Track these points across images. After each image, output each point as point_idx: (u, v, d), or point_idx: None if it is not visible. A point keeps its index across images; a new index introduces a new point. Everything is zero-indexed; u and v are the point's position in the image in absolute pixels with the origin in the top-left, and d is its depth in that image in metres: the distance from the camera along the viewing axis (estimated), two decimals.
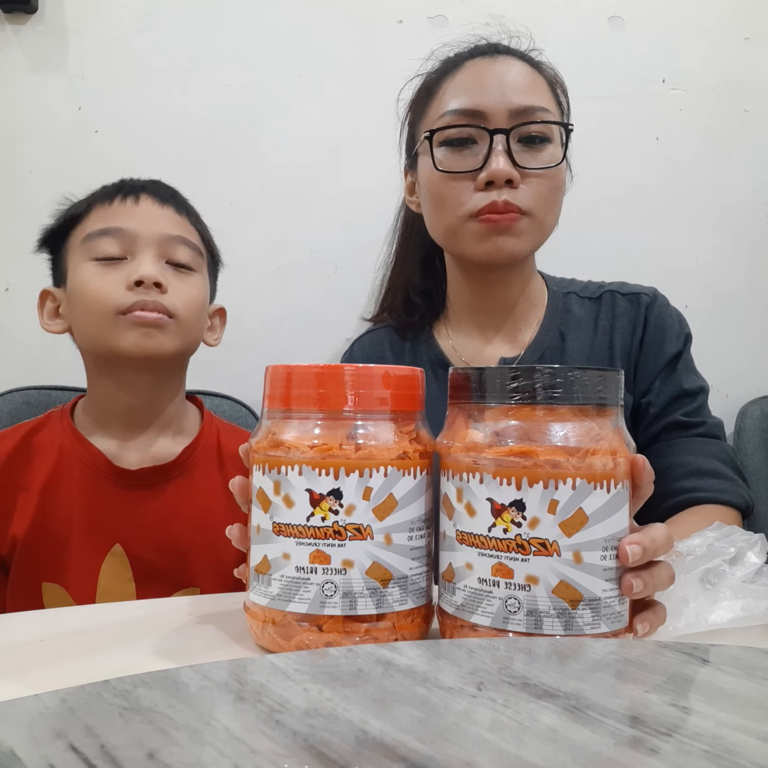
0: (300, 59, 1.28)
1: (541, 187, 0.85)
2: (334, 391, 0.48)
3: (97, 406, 0.86)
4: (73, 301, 0.83)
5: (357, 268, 1.29)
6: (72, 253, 0.84)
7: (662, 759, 0.25)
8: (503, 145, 0.83)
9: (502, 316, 0.96)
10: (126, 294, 0.78)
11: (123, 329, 0.79)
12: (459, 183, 0.85)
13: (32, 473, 0.83)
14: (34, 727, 0.27)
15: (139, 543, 0.82)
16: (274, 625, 0.48)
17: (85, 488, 0.82)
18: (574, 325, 0.96)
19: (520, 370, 0.46)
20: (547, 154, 0.85)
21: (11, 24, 1.26)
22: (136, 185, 0.85)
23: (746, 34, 1.30)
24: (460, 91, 0.86)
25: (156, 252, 0.81)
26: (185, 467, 0.86)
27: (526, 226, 0.85)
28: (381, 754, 0.25)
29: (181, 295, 0.82)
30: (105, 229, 0.80)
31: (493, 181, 0.83)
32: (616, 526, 0.45)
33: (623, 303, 0.97)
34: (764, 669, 0.35)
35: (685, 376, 0.94)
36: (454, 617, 0.47)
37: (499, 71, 0.86)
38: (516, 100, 0.84)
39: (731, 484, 0.86)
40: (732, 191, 1.31)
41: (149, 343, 0.79)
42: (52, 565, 0.81)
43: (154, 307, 0.79)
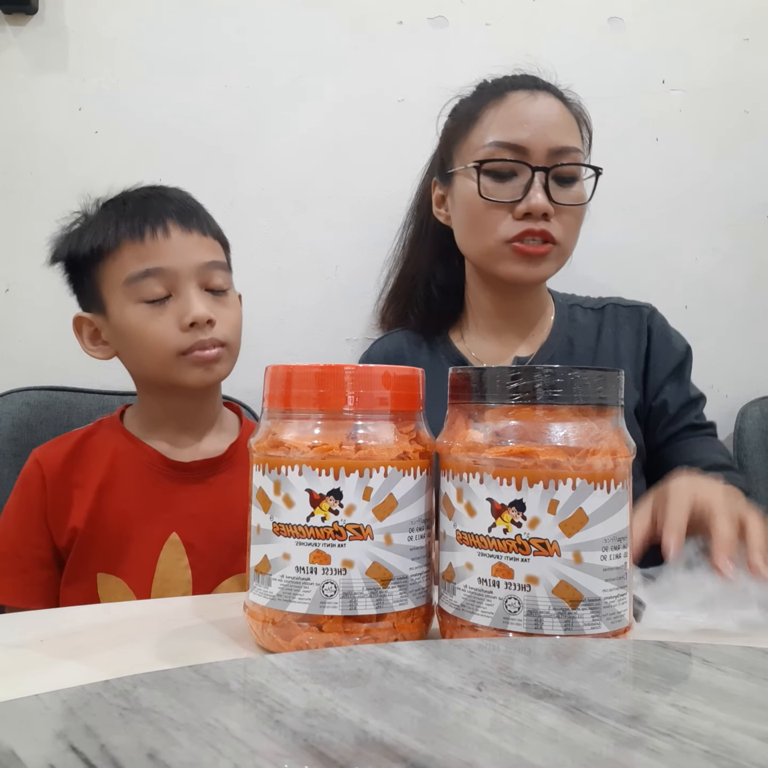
0: (300, 59, 1.28)
1: (570, 221, 0.97)
2: (334, 391, 0.48)
3: (146, 415, 0.93)
4: (126, 340, 0.87)
5: (357, 268, 1.29)
6: (110, 288, 0.86)
7: (662, 759, 0.25)
8: (542, 181, 0.93)
9: (517, 323, 1.06)
10: (182, 335, 0.84)
11: (185, 368, 0.85)
12: (498, 211, 0.95)
13: (88, 472, 0.89)
14: (34, 727, 0.27)
15: (193, 532, 0.87)
16: (274, 625, 0.48)
17: (141, 483, 0.88)
18: (579, 332, 1.06)
19: (520, 370, 0.46)
20: (576, 191, 0.97)
21: (11, 25, 1.26)
22: (159, 212, 0.86)
23: (746, 35, 1.30)
24: (504, 124, 0.96)
25: (196, 283, 0.85)
26: (231, 462, 0.92)
27: (555, 253, 0.97)
28: (381, 754, 0.25)
29: (228, 322, 0.88)
30: (146, 271, 0.84)
31: (530, 213, 0.93)
32: (616, 526, 0.45)
33: (625, 313, 1.08)
34: (764, 669, 0.35)
35: (690, 385, 1.07)
36: (454, 617, 0.47)
37: (539, 109, 0.96)
38: (555, 140, 0.94)
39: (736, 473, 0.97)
40: (732, 191, 1.31)
41: (210, 376, 0.87)
42: (108, 557, 0.86)
43: (211, 343, 0.85)
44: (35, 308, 1.23)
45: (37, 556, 0.87)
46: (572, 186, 0.97)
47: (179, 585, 0.85)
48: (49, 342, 1.21)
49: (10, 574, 0.86)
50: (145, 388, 0.92)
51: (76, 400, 1.13)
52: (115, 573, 0.86)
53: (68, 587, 0.86)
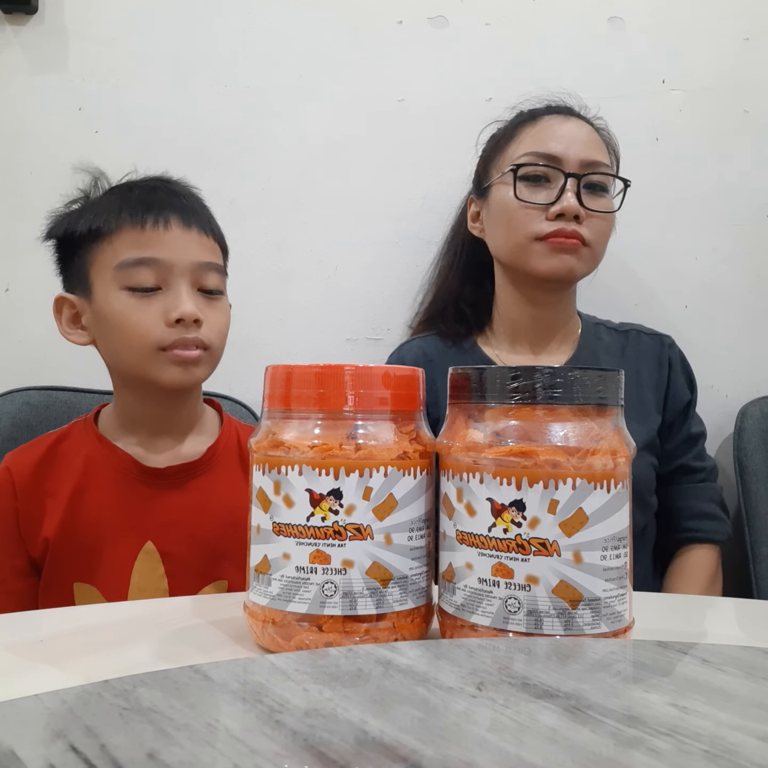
0: (300, 59, 1.28)
1: (600, 227, 1.03)
2: (334, 391, 0.48)
3: (122, 414, 0.89)
4: (106, 326, 0.84)
5: (357, 268, 1.29)
6: (100, 270, 0.83)
7: (662, 759, 0.25)
8: (574, 187, 1.00)
9: (546, 334, 1.11)
10: (166, 330, 0.80)
11: (163, 364, 0.81)
12: (532, 211, 1.02)
13: (60, 479, 0.86)
14: (34, 727, 0.27)
15: (169, 539, 0.85)
16: (274, 625, 0.48)
17: (115, 490, 0.85)
18: (604, 350, 1.12)
19: (520, 370, 0.46)
20: (605, 201, 1.04)
21: (11, 25, 1.26)
22: (163, 204, 0.84)
23: (746, 34, 1.30)
24: (539, 137, 1.04)
25: (189, 281, 0.83)
26: (210, 465, 0.89)
27: (585, 254, 1.03)
28: (381, 754, 0.25)
29: (214, 326, 0.85)
30: (140, 258, 0.81)
31: (563, 214, 1.00)
32: (616, 526, 0.45)
33: (647, 340, 1.14)
34: (764, 669, 0.35)
35: (693, 421, 1.13)
36: (454, 617, 0.47)
37: (572, 128, 1.04)
38: (586, 153, 1.02)
39: (721, 524, 1.11)
40: (732, 191, 1.31)
41: (187, 377, 0.83)
42: (83, 566, 0.83)
43: (194, 343, 0.82)
44: (35, 308, 1.23)
45: (14, 565, 0.85)
46: (603, 196, 1.03)
47: (155, 594, 0.83)
48: (49, 342, 1.21)
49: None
50: (122, 381, 0.88)
51: (76, 400, 1.13)
52: (91, 582, 0.84)
53: (46, 596, 0.84)
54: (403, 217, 1.28)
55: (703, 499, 1.11)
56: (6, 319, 1.25)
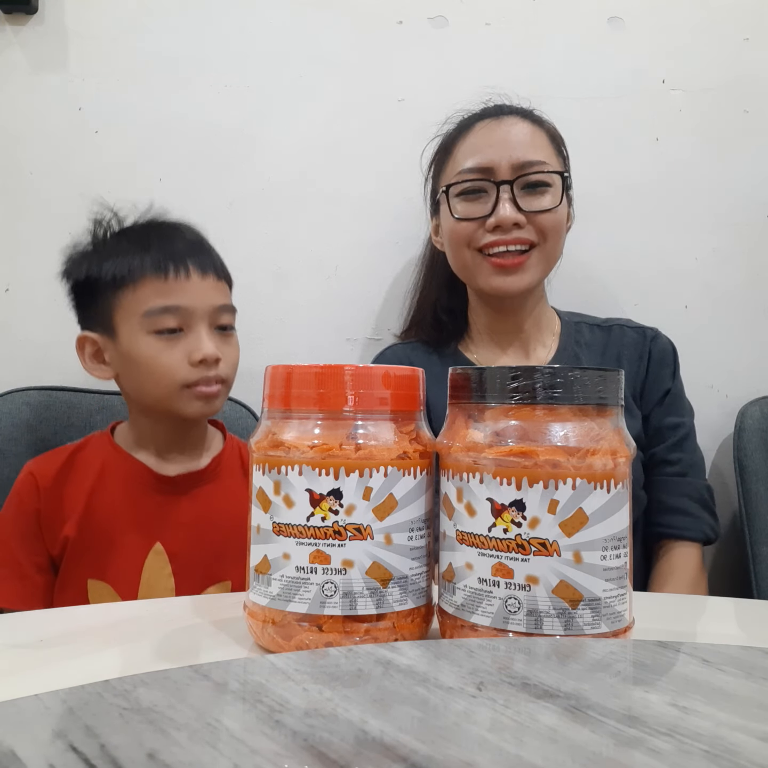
0: (300, 60, 1.28)
1: (548, 225, 1.00)
2: (334, 391, 0.48)
3: (136, 434, 0.97)
4: (133, 366, 0.91)
5: (357, 268, 1.29)
6: (125, 315, 0.91)
7: (662, 759, 0.25)
8: (508, 194, 0.98)
9: (518, 338, 1.10)
10: (191, 370, 0.89)
11: (187, 400, 0.90)
12: (471, 225, 1.00)
13: (78, 483, 0.93)
14: (34, 727, 0.27)
15: (177, 541, 0.92)
16: (274, 625, 0.48)
17: (128, 493, 0.93)
18: (585, 349, 1.10)
19: (520, 370, 0.46)
20: (548, 197, 1.00)
21: (11, 24, 1.25)
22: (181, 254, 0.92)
23: (746, 34, 1.30)
24: (470, 151, 1.01)
25: (208, 323, 0.91)
26: (214, 474, 0.97)
27: (534, 259, 1.00)
28: (381, 754, 0.25)
29: (230, 361, 0.94)
30: (166, 307, 0.89)
31: (500, 226, 0.98)
32: (616, 526, 0.45)
33: (631, 334, 1.12)
34: (764, 669, 0.35)
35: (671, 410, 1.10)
36: (454, 617, 0.47)
37: (503, 130, 1.01)
38: (517, 155, 0.98)
39: (693, 521, 1.06)
40: (732, 191, 1.31)
41: (209, 409, 0.92)
42: (97, 563, 0.90)
43: (215, 380, 0.91)
44: (35, 308, 1.23)
45: (36, 562, 0.91)
46: (544, 194, 1.00)
47: (163, 592, 0.90)
48: (49, 342, 1.21)
49: (12, 580, 0.90)
50: (140, 411, 0.96)
51: (76, 400, 1.13)
52: (104, 579, 0.90)
53: (61, 593, 0.91)
54: (403, 217, 1.28)
55: (674, 493, 1.07)
56: (6, 319, 1.25)
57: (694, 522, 1.06)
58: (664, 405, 1.09)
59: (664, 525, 1.06)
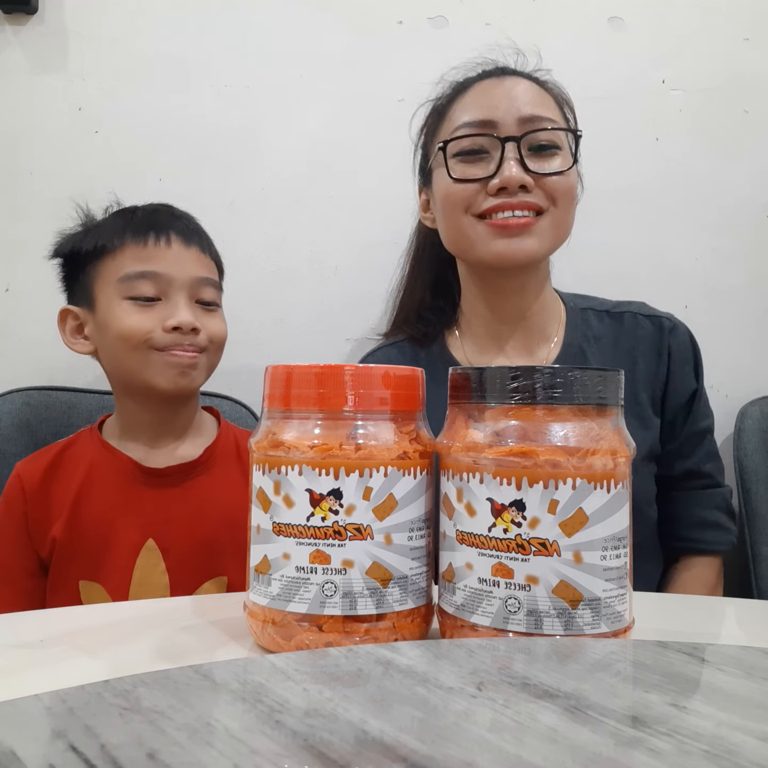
0: (300, 60, 1.28)
1: (557, 190, 0.88)
2: (334, 391, 0.48)
3: (123, 421, 0.94)
4: (106, 331, 0.88)
5: (357, 268, 1.29)
6: (104, 284, 0.88)
7: (662, 759, 0.25)
8: (515, 152, 0.86)
9: (518, 327, 0.96)
10: (163, 335, 0.85)
11: (158, 366, 0.85)
12: (471, 187, 0.88)
13: (66, 483, 0.90)
14: (34, 727, 0.27)
15: (170, 537, 0.88)
16: (274, 625, 0.48)
17: (117, 491, 0.89)
18: (593, 344, 0.97)
19: (520, 370, 0.46)
20: (558, 160, 0.88)
21: (11, 25, 1.25)
22: (164, 223, 0.89)
23: (746, 35, 1.30)
24: (470, 107, 0.90)
25: (187, 294, 0.87)
26: (207, 465, 0.93)
27: (543, 226, 0.87)
28: (381, 754, 0.25)
29: (211, 332, 0.89)
30: (142, 272, 0.86)
31: (505, 188, 0.86)
32: (616, 526, 0.45)
33: (646, 325, 0.98)
34: (764, 669, 0.35)
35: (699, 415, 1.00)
36: (454, 617, 0.47)
37: (507, 87, 0.89)
38: (524, 109, 0.87)
39: (725, 534, 1.00)
40: (732, 191, 1.31)
41: (183, 381, 0.87)
42: (88, 564, 0.87)
43: (191, 348, 0.86)
44: (35, 308, 1.23)
45: (24, 566, 0.89)
46: (553, 155, 0.88)
47: (156, 589, 0.87)
48: (49, 342, 1.21)
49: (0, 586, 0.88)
50: (122, 389, 0.92)
51: (76, 400, 1.13)
52: (96, 580, 0.87)
53: (53, 596, 0.88)
54: (403, 217, 1.28)
55: (707, 506, 1.00)
56: (6, 319, 1.25)
57: (723, 535, 1.00)
58: (693, 409, 0.98)
59: (694, 540, 0.99)
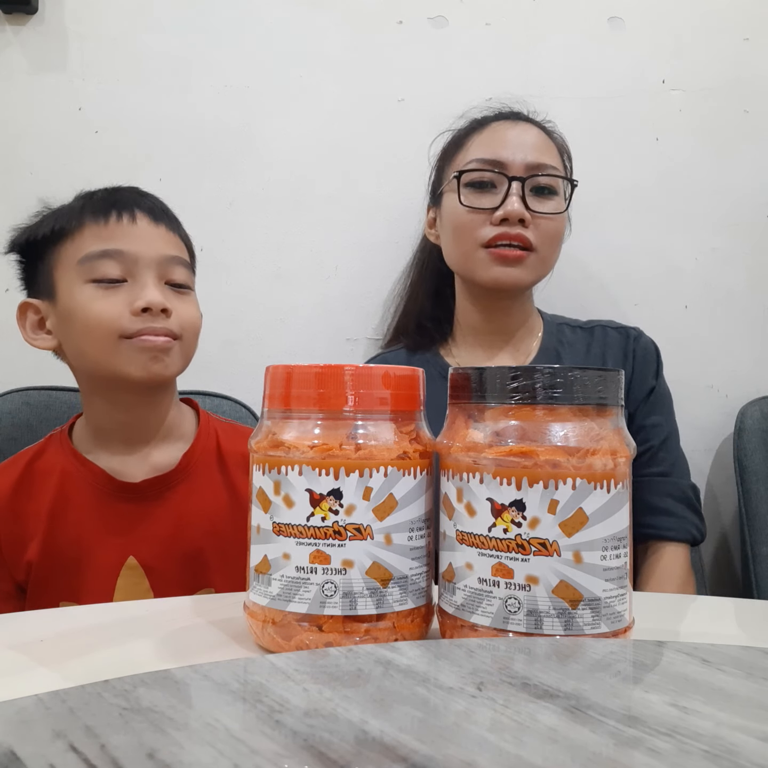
0: (300, 60, 1.28)
1: (548, 230, 1.02)
2: (334, 391, 0.48)
3: (93, 424, 0.86)
4: (69, 322, 0.80)
5: (357, 268, 1.29)
6: (64, 270, 0.81)
7: (662, 759, 0.25)
8: (518, 190, 1.00)
9: (504, 339, 1.11)
10: (132, 319, 0.77)
11: (129, 354, 0.78)
12: (477, 217, 1.01)
13: (38, 499, 0.83)
14: (34, 727, 0.27)
15: (151, 553, 0.83)
16: (274, 625, 0.48)
17: (92, 507, 0.83)
18: (567, 348, 1.11)
19: (520, 370, 0.46)
20: (553, 203, 1.03)
21: (11, 25, 1.26)
22: (128, 201, 0.82)
23: (746, 35, 1.30)
24: (485, 144, 1.04)
25: (156, 274, 0.80)
26: (186, 473, 0.86)
27: (532, 261, 1.02)
28: (381, 754, 0.25)
29: (185, 317, 0.82)
30: (104, 251, 0.78)
31: (507, 219, 0.99)
32: (616, 526, 0.45)
33: (613, 334, 1.12)
34: (764, 669, 0.35)
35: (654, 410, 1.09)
36: (454, 617, 0.47)
37: (519, 132, 1.04)
38: (532, 156, 1.02)
39: (679, 522, 1.05)
40: (732, 191, 1.31)
41: (156, 367, 0.79)
42: (67, 586, 0.81)
43: (162, 332, 0.78)
44: None
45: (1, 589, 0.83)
46: (550, 199, 1.03)
47: None
48: None
49: None
50: (90, 386, 0.84)
51: (76, 400, 1.13)
52: (77, 601, 0.81)
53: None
54: (403, 217, 1.28)
55: (658, 494, 1.06)
56: (6, 319, 1.25)
57: (678, 522, 1.05)
58: (648, 404, 1.09)
59: (649, 526, 1.05)
